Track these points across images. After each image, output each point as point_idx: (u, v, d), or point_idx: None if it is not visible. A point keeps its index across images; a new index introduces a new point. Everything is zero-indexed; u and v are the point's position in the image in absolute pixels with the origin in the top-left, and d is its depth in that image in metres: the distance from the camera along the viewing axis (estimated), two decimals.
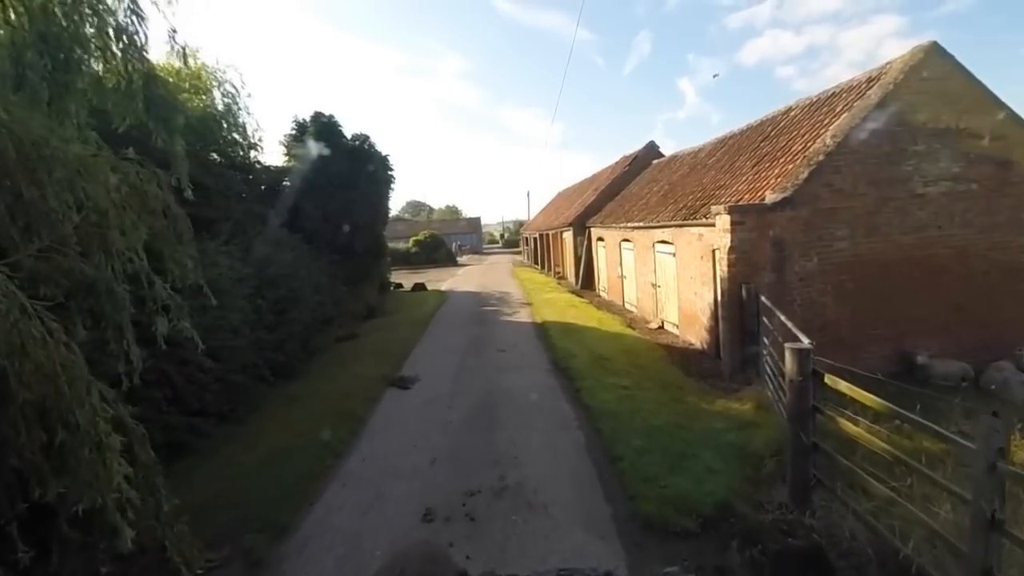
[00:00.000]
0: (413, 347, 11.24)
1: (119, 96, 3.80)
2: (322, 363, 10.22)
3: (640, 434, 5.84)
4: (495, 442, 5.95)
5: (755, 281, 7.86)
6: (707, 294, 10.09)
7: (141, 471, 3.40)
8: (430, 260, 46.71)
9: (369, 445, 6.10)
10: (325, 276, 12.71)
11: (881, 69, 8.64)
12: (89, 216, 3.81)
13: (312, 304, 10.42)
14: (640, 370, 8.67)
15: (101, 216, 4.00)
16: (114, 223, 4.10)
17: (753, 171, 9.92)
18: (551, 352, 10.12)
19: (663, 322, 13.01)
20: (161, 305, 4.41)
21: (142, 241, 4.32)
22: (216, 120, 10.58)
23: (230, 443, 6.20)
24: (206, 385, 6.04)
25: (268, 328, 8.53)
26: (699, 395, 7.42)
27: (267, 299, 8.73)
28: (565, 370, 8.71)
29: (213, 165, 10.17)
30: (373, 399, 7.72)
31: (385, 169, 15.49)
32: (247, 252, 9.16)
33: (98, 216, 3.98)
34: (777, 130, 10.78)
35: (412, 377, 8.79)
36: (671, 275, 12.23)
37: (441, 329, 13.26)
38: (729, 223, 7.79)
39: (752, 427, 5.99)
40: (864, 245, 8.14)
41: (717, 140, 14.71)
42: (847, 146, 7.89)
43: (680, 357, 10.10)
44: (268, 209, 12.14)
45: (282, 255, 10.01)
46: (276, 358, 8.46)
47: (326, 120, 14.33)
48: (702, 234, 10.16)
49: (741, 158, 11.28)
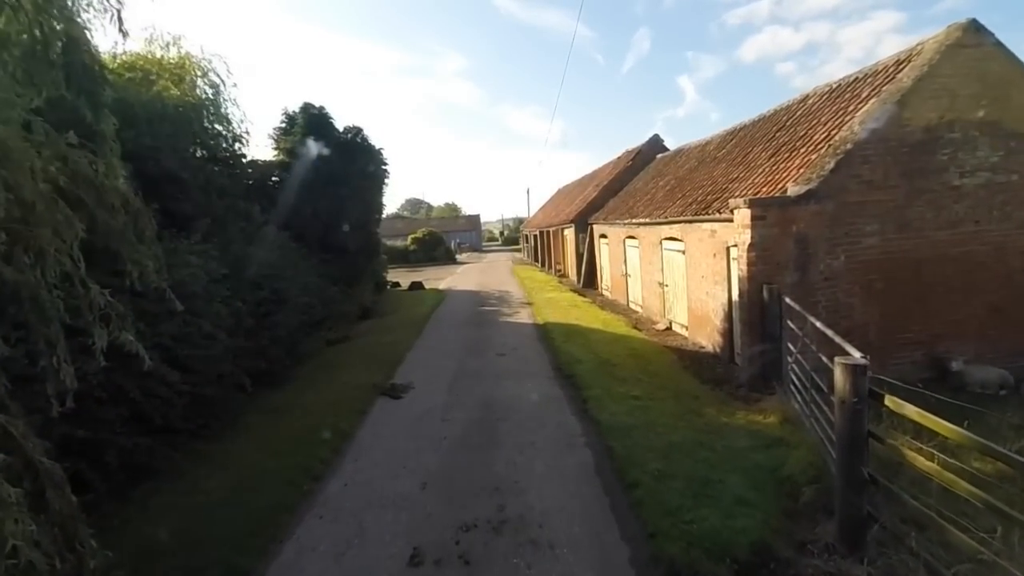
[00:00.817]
0: (407, 351, 10.60)
1: (35, 63, 3.14)
2: (310, 369, 9.58)
3: (657, 454, 5.21)
4: (494, 463, 5.32)
5: (777, 281, 7.22)
6: (720, 294, 9.45)
7: (57, 523, 2.77)
8: (429, 258, 46.07)
9: (354, 466, 5.46)
10: (315, 276, 12.07)
11: (911, 50, 7.97)
12: (12, 210, 3.17)
13: (299, 306, 9.78)
14: (651, 377, 8.04)
15: (27, 210, 3.35)
16: (44, 219, 3.45)
17: (770, 162, 9.26)
18: (554, 356, 9.48)
19: (671, 323, 12.38)
20: (98, 314, 3.76)
21: (78, 239, 3.67)
22: (196, 110, 9.91)
23: (200, 463, 5.56)
24: (171, 400, 5.39)
25: (248, 333, 7.88)
26: (717, 406, 6.78)
27: (248, 302, 8.09)
28: (570, 377, 8.07)
29: (192, 158, 9.51)
30: (361, 411, 7.08)
31: (379, 163, 14.81)
32: (226, 251, 8.51)
33: (23, 210, 3.33)
34: (794, 119, 10.11)
35: (405, 385, 8.15)
36: (680, 274, 11.59)
37: (438, 331, 12.62)
38: (749, 218, 7.14)
39: (781, 446, 5.35)
40: (895, 241, 7.49)
41: (726, 132, 14.05)
42: (877, 134, 7.23)
43: (692, 361, 9.47)
44: (254, 206, 11.49)
45: (266, 254, 9.35)
46: (257, 365, 7.82)
47: (316, 112, 13.65)
48: (715, 230, 9.52)
49: (755, 149, 10.62)
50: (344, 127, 14.45)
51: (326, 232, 12.98)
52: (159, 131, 9.03)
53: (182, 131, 9.50)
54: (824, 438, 4.91)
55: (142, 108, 9.01)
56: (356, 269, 14.26)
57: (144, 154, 8.46)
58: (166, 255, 6.64)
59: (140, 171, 8.48)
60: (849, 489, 3.56)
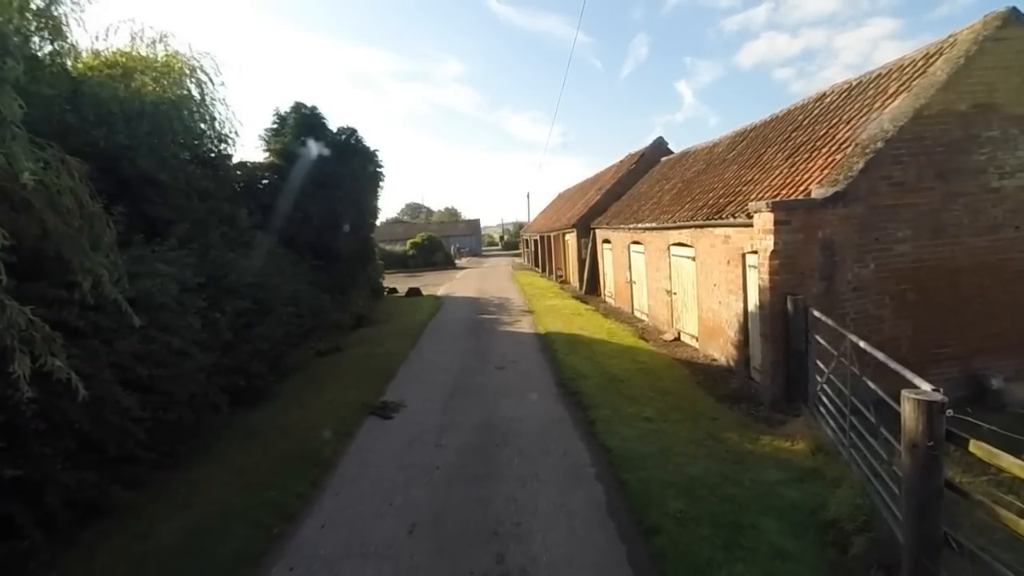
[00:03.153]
0: (401, 363, 9.98)
1: None
2: (296, 384, 8.94)
3: (677, 490, 4.58)
4: (492, 500, 4.69)
5: (801, 291, 6.61)
6: (735, 304, 8.85)
7: None
8: (428, 263, 45.50)
9: (334, 503, 4.83)
10: (305, 283, 11.47)
11: (942, 43, 7.40)
12: None
13: (285, 316, 9.17)
14: (663, 395, 7.42)
15: None
16: None
17: (788, 163, 8.68)
18: (557, 370, 8.86)
19: (679, 333, 11.76)
20: (18, 335, 3.16)
21: None
22: (177, 108, 9.33)
23: (160, 499, 4.93)
24: (127, 428, 4.77)
25: (227, 348, 7.27)
26: (738, 430, 6.16)
27: (227, 313, 7.48)
28: (575, 394, 7.46)
29: (172, 159, 8.91)
30: (347, 434, 6.46)
31: (373, 165, 14.23)
32: (204, 258, 7.91)
33: None
34: (811, 118, 9.54)
35: (396, 403, 7.53)
36: (690, 281, 10.98)
37: (434, 341, 12.00)
38: (772, 222, 6.54)
39: (816, 479, 4.73)
40: (928, 248, 6.90)
41: (735, 133, 13.49)
42: (910, 132, 6.65)
43: (704, 376, 8.86)
44: (240, 209, 10.91)
45: (249, 261, 8.75)
46: (235, 383, 7.20)
47: (308, 112, 13.08)
48: (729, 236, 8.93)
49: (769, 150, 10.04)
50: (338, 128, 13.89)
51: (318, 237, 12.38)
52: (136, 129, 8.45)
53: (161, 130, 8.91)
54: (870, 474, 4.30)
55: (118, 105, 8.44)
56: (349, 275, 13.65)
57: (118, 154, 7.89)
58: (131, 263, 6.03)
59: (113, 172, 7.91)
60: (921, 551, 2.94)
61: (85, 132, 7.52)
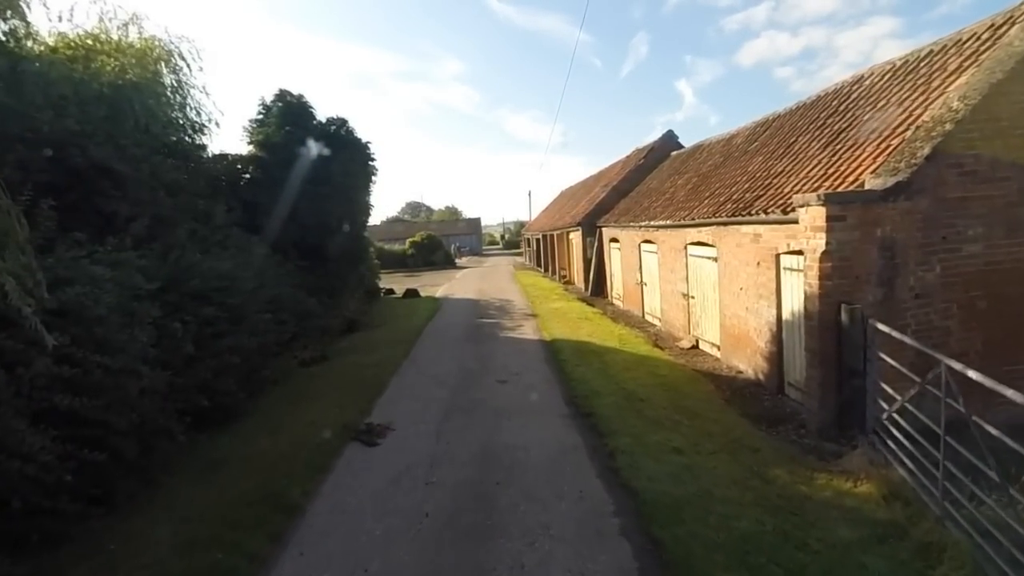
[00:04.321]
0: (392, 375, 9.01)
1: None
2: (273, 400, 7.98)
3: (727, 556, 3.61)
4: (493, 566, 3.72)
5: (856, 298, 5.63)
6: (765, 311, 7.87)
7: None
8: (427, 263, 44.57)
9: (294, 567, 3.86)
10: (289, 286, 10.49)
11: (1013, 11, 6.40)
12: None
13: (262, 324, 8.19)
14: (690, 417, 6.44)
15: None
16: None
17: (827, 152, 7.69)
18: (566, 385, 7.88)
19: (698, 340, 10.79)
20: None
21: None
22: (141, 91, 8.36)
23: (82, 563, 3.97)
24: (27, 474, 3.79)
25: (188, 363, 6.30)
26: (786, 464, 5.19)
27: (189, 322, 6.51)
28: (588, 416, 6.48)
29: (133, 147, 7.94)
30: (322, 467, 5.49)
31: (365, 159, 13.24)
32: (165, 259, 6.95)
33: None
34: (850, 103, 8.55)
35: (383, 426, 6.56)
36: (710, 284, 10.00)
37: (430, 349, 11.02)
38: (824, 218, 5.56)
39: (901, 539, 3.76)
40: (1003, 248, 5.92)
41: (756, 123, 12.50)
42: (983, 111, 5.66)
43: (732, 392, 7.90)
44: (217, 205, 9.94)
45: (220, 261, 7.77)
46: (198, 403, 6.23)
47: (294, 100, 12.09)
48: (759, 234, 7.95)
49: (801, 139, 9.05)
50: (327, 118, 12.91)
51: (304, 235, 11.41)
52: (91, 114, 7.50)
53: (122, 115, 7.95)
54: (980, 538, 3.33)
55: (71, 87, 7.49)
56: (339, 277, 12.68)
57: (66, 140, 6.92)
58: (55, 267, 5.09)
59: (61, 161, 6.96)
60: None
61: (25, 115, 6.56)
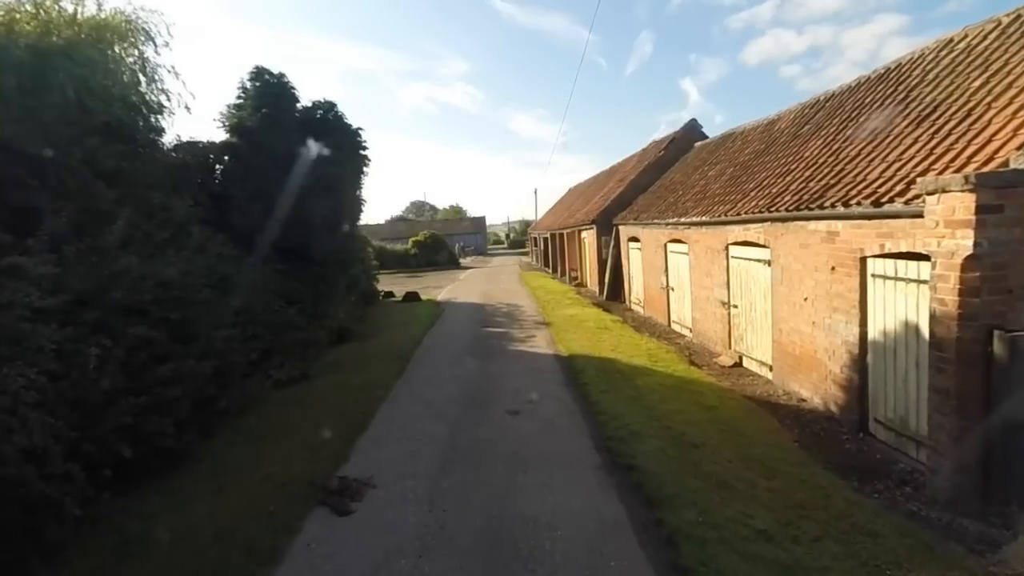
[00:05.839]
0: (381, 402, 7.48)
1: None
2: (230, 438, 6.45)
3: None
4: None
5: (1011, 320, 4.05)
6: (843, 327, 6.30)
7: None
8: (430, 263, 43.07)
9: None
10: (263, 293, 9.00)
11: None
12: None
13: (219, 343, 6.69)
14: (766, 473, 4.86)
15: None
16: None
17: (922, 128, 6.10)
18: (594, 420, 6.33)
19: (741, 357, 9.20)
20: None
21: None
22: (73, 60, 6.85)
23: None
24: None
25: (107, 400, 4.81)
26: (922, 557, 3.62)
27: (110, 347, 5.01)
28: (629, 470, 4.93)
29: (62, 126, 6.45)
30: (271, 553, 3.96)
31: (355, 147, 11.70)
32: (85, 263, 5.46)
33: None
34: (940, 70, 6.95)
35: (360, 482, 5.03)
36: (759, 292, 8.42)
37: (427, 366, 9.49)
38: (972, 209, 3.96)
39: None
40: None
41: (801, 105, 10.92)
42: None
43: (801, 428, 6.38)
44: (178, 198, 8.45)
45: (164, 267, 6.26)
46: (116, 454, 4.73)
47: (273, 80, 10.56)
48: (835, 231, 6.39)
49: (877, 116, 7.44)
50: (313, 101, 11.38)
51: (284, 234, 9.90)
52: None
53: (44, 87, 6.45)
54: None
55: None
56: (326, 281, 11.17)
57: None
58: None
59: None
60: None
61: None
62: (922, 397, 5.26)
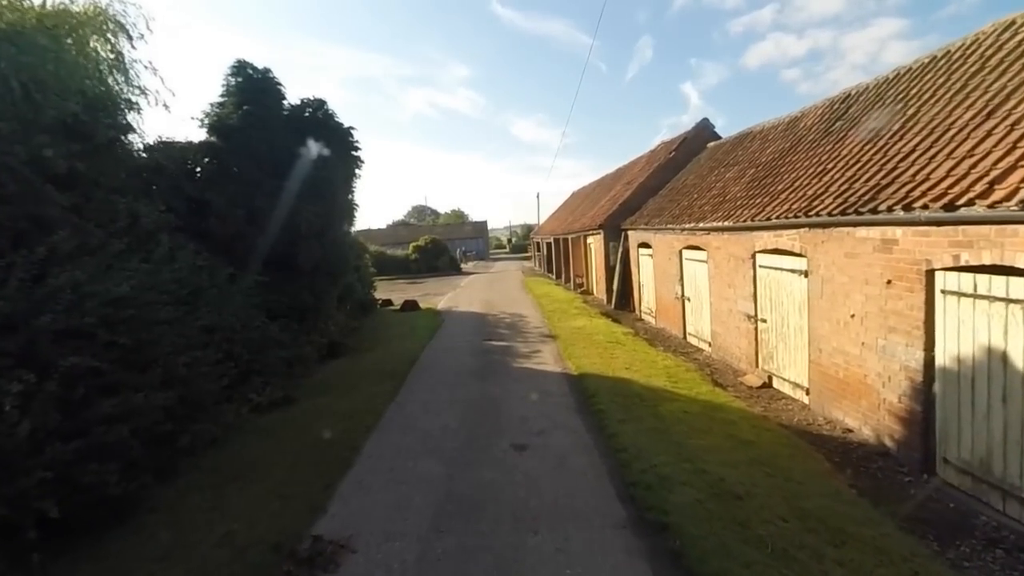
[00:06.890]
0: (370, 432, 6.62)
1: None
2: (191, 483, 5.56)
3: None
4: None
5: None
6: (901, 351, 5.45)
7: None
8: (431, 268, 42.26)
9: None
10: (242, 307, 8.15)
11: None
12: None
13: (182, 370, 5.83)
14: (832, 538, 3.97)
15: None
16: None
17: (996, 120, 5.24)
18: (614, 459, 5.45)
19: (771, 377, 8.32)
20: None
21: None
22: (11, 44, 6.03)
23: None
24: None
25: (25, 452, 3.96)
26: None
27: (30, 383, 4.17)
28: (662, 530, 4.06)
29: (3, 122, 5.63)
30: None
31: (347, 148, 10.88)
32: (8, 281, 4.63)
33: None
34: (1004, 55, 6.11)
35: (336, 545, 4.16)
36: (794, 306, 7.55)
37: (422, 389, 8.61)
38: None
39: None
40: None
41: (829, 100, 10.10)
42: None
43: (853, 468, 5.53)
44: (146, 204, 7.63)
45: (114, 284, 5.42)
46: (40, 511, 3.88)
47: (256, 75, 9.77)
48: (892, 239, 5.53)
49: (929, 109, 6.60)
50: (301, 99, 10.58)
51: (268, 242, 9.08)
52: None
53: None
54: None
55: None
56: (315, 293, 10.32)
57: None
58: None
59: None
60: None
61: None
62: (1011, 438, 4.40)
